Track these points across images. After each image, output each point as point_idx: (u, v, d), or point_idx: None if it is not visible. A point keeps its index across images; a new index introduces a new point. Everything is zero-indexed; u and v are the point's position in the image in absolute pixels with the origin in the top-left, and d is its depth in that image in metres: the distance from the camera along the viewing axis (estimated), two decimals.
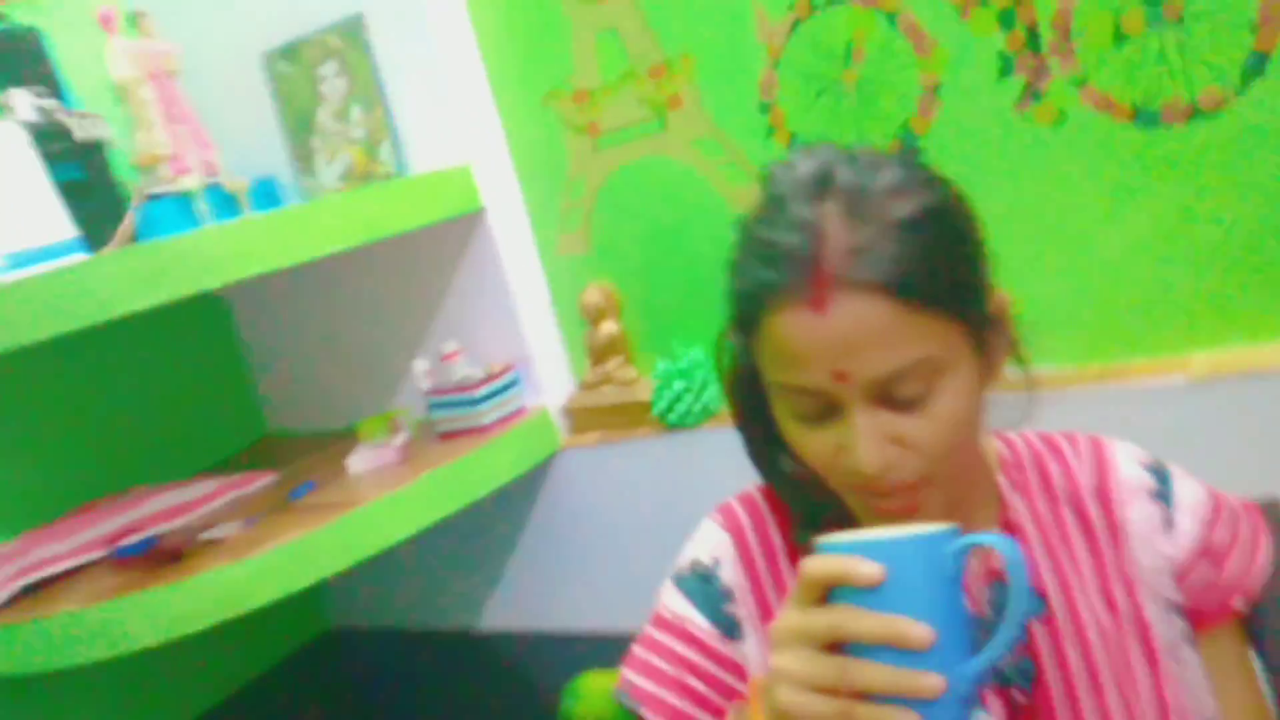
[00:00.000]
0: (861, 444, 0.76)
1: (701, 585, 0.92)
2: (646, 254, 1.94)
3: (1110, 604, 0.85)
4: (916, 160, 0.79)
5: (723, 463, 1.81)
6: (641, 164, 1.91)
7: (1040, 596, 0.85)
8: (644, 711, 0.90)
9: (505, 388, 2.00)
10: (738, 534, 0.94)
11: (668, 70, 1.83)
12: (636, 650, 0.94)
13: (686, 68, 1.81)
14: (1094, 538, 0.88)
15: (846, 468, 0.78)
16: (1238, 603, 0.88)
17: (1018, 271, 0.95)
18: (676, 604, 0.94)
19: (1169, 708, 0.83)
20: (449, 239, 2.02)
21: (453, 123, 1.98)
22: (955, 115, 1.60)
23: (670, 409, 1.88)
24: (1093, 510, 0.89)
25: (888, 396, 0.75)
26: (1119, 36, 1.46)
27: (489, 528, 2.14)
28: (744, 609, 0.91)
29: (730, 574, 0.92)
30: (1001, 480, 0.90)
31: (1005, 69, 1.55)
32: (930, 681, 0.65)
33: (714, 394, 1.88)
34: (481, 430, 1.96)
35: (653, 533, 1.97)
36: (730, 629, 0.91)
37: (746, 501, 0.97)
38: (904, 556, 0.67)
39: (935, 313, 0.74)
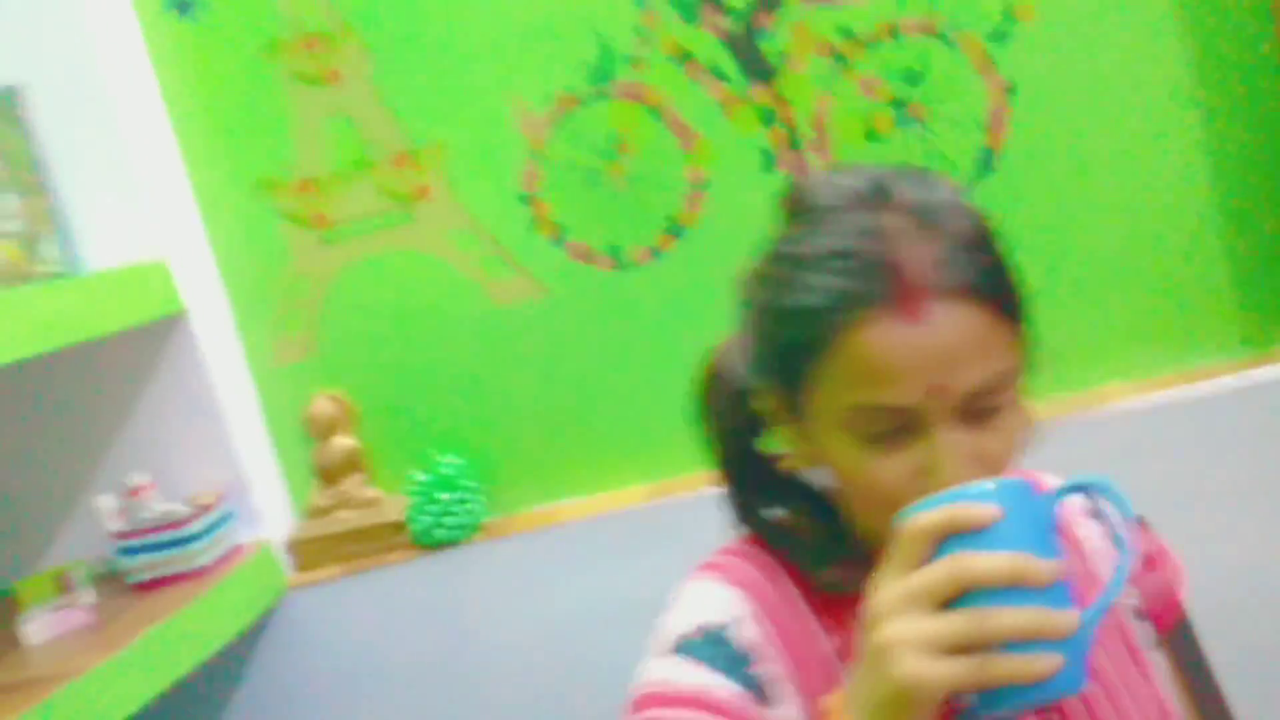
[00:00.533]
0: (950, 464, 0.71)
1: (716, 647, 0.79)
2: (389, 356, 1.77)
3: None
4: (955, 181, 0.80)
5: (497, 579, 1.70)
6: (381, 258, 1.75)
7: None
8: None
9: (220, 522, 1.70)
10: (750, 587, 0.82)
11: (413, 160, 1.72)
12: None
13: (436, 157, 1.71)
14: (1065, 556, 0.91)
15: (923, 491, 0.74)
16: (1183, 602, 0.96)
17: None
18: (688, 675, 0.79)
19: (1162, 701, 0.87)
20: (136, 348, 1.70)
21: (140, 214, 1.69)
22: (722, 208, 1.66)
23: (437, 525, 1.70)
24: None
25: (971, 411, 0.72)
26: (870, 135, 1.61)
27: (202, 699, 1.78)
28: (772, 668, 0.81)
29: (750, 631, 0.80)
30: None
31: (767, 165, 1.64)
32: (1068, 620, 0.62)
33: (480, 505, 1.74)
34: (197, 574, 1.64)
35: (419, 672, 1.76)
36: (761, 692, 0.78)
37: (741, 554, 0.86)
38: (1009, 499, 0.64)
39: (1013, 322, 0.74)
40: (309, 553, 1.78)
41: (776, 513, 0.86)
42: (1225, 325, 1.58)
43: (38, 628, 1.52)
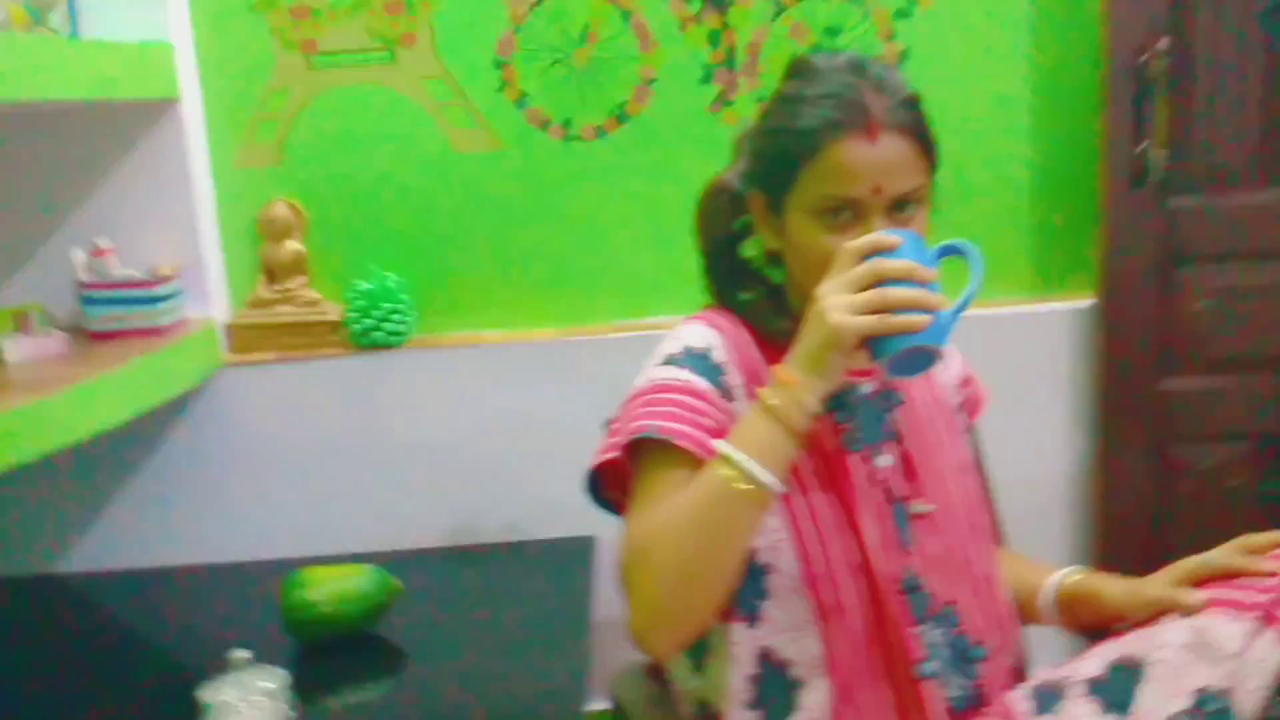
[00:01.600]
0: None
1: (699, 360, 1.12)
2: (349, 177, 1.99)
3: (933, 399, 1.29)
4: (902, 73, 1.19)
5: (421, 382, 1.96)
6: (361, 90, 1.97)
7: (901, 391, 1.26)
8: (677, 440, 1.07)
9: (176, 293, 1.87)
10: (723, 330, 1.16)
11: (406, 8, 1.95)
12: (642, 410, 1.11)
13: (426, 10, 1.95)
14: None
15: None
16: (978, 417, 1.39)
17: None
18: (676, 373, 1.12)
19: (966, 461, 1.29)
20: (126, 121, 1.84)
21: (142, 4, 1.83)
22: (663, 106, 2.00)
23: (374, 329, 1.94)
24: None
25: (895, 213, 1.09)
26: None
27: (139, 455, 1.93)
28: (735, 381, 1.15)
29: (721, 355, 1.13)
30: None
31: (707, 77, 2.00)
32: (939, 298, 1.02)
33: (414, 319, 1.99)
34: (154, 332, 1.81)
35: (341, 454, 1.99)
36: (727, 393, 1.12)
37: (716, 315, 1.20)
38: (909, 238, 1.04)
39: (929, 159, 1.12)
40: (247, 337, 1.97)
41: (744, 293, 1.22)
42: (1022, 270, 2.07)
43: (16, 347, 1.65)
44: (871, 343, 1.02)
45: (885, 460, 1.17)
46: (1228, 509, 2.05)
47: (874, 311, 1.00)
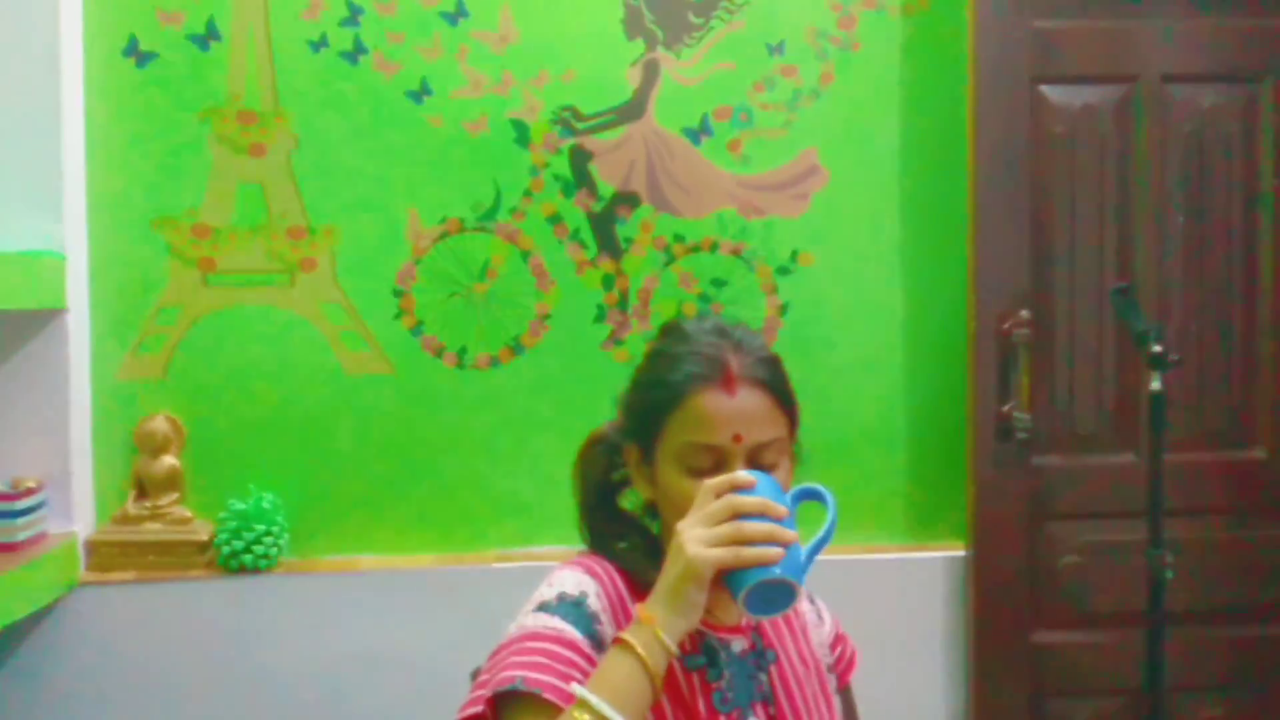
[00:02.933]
0: None
1: (573, 609, 1.11)
2: (233, 395, 1.98)
3: (804, 660, 1.29)
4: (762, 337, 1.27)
5: (290, 612, 1.89)
6: (253, 310, 1.99)
7: (773, 649, 1.27)
8: (545, 694, 1.04)
9: (38, 506, 1.80)
10: (598, 577, 1.15)
11: (309, 234, 2.00)
12: (510, 659, 1.08)
13: (328, 238, 2.00)
14: (790, 622, 1.33)
15: None
16: (851, 677, 1.41)
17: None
18: (550, 622, 1.12)
19: None
20: (7, 329, 1.82)
21: (38, 216, 1.85)
22: (558, 341, 2.06)
23: (245, 551, 1.88)
24: None
25: (756, 462, 1.13)
26: (679, 315, 2.08)
27: None
28: (609, 631, 1.13)
29: (595, 603, 1.12)
30: None
31: (600, 316, 2.07)
32: (791, 534, 1.04)
33: (287, 542, 1.94)
34: (9, 548, 1.73)
35: (201, 682, 1.89)
36: (599, 643, 1.09)
37: (592, 561, 1.20)
38: (763, 479, 1.07)
39: (787, 413, 1.17)
40: (109, 554, 1.89)
41: (620, 542, 1.23)
42: (895, 519, 2.13)
43: None
44: (728, 577, 1.04)
45: None
46: None
47: (729, 544, 1.02)
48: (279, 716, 1.90)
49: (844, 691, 1.37)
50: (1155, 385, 1.75)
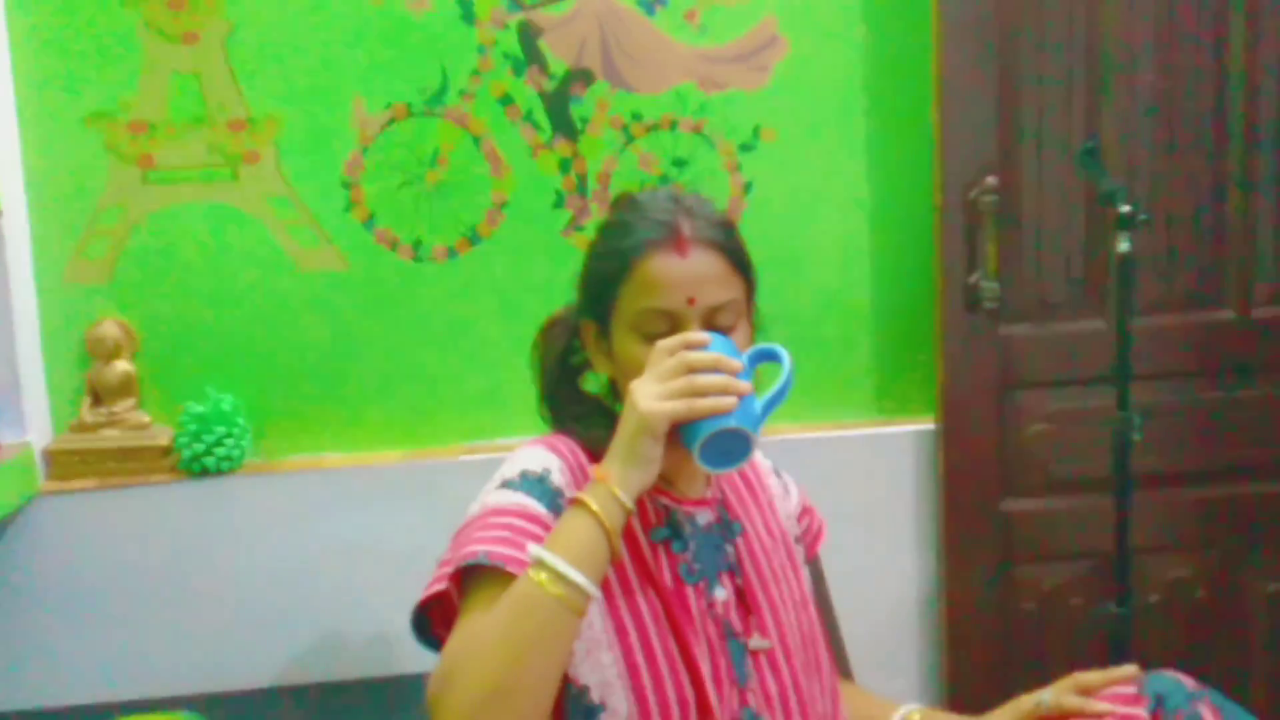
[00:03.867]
0: None
1: (535, 484, 1.10)
2: (184, 296, 1.93)
3: (770, 531, 1.28)
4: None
5: (256, 510, 1.87)
6: (197, 207, 1.92)
7: (739, 522, 1.25)
8: (509, 567, 1.03)
9: None
10: (561, 454, 1.15)
11: (250, 126, 1.92)
12: (476, 534, 1.07)
13: (270, 128, 1.92)
14: (754, 492, 1.31)
15: None
16: (818, 549, 1.40)
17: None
18: (513, 498, 1.09)
19: (807, 598, 1.29)
20: None
21: None
22: (515, 228, 2.00)
23: (206, 454, 1.85)
24: (750, 476, 1.32)
25: (712, 325, 1.11)
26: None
27: None
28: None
29: (559, 478, 1.12)
30: None
31: (559, 202, 2.02)
32: (745, 385, 1.04)
33: (248, 443, 1.91)
34: None
35: (168, 588, 1.88)
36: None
37: (555, 439, 1.19)
38: (718, 338, 1.06)
39: (740, 273, 1.15)
40: (67, 463, 1.86)
41: (583, 420, 1.21)
42: (864, 394, 2.12)
43: None
44: (683, 431, 1.03)
45: (722, 593, 1.16)
46: (1069, 628, 2.10)
47: (683, 397, 1.01)
48: (250, 617, 1.90)
49: (812, 562, 1.37)
50: (1123, 246, 1.71)
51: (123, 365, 1.89)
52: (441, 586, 1.07)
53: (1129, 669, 1.17)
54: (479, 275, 1.99)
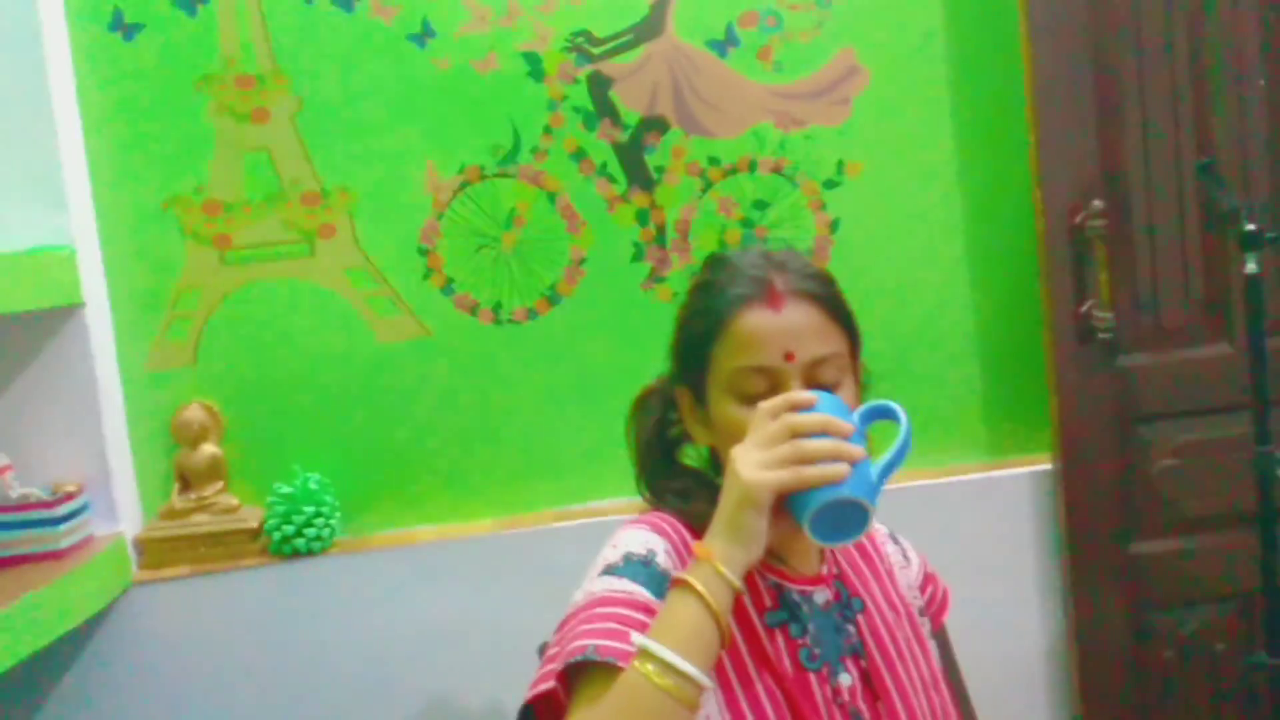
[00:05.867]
0: None
1: (641, 568, 1.03)
2: (267, 375, 1.90)
3: (893, 605, 1.18)
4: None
5: (348, 593, 1.83)
6: (276, 284, 1.90)
7: (859, 597, 1.17)
8: (620, 663, 0.95)
9: (80, 510, 1.74)
10: (665, 534, 1.07)
11: (324, 200, 1.89)
12: (581, 626, 0.99)
13: (345, 201, 1.90)
14: (873, 563, 1.22)
15: None
16: (946, 617, 1.30)
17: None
18: (618, 584, 1.01)
19: (935, 673, 1.19)
20: (26, 330, 1.75)
21: (45, 209, 1.76)
22: (596, 285, 1.94)
23: (297, 535, 1.81)
24: (868, 546, 1.23)
25: (815, 380, 1.04)
26: (721, 245, 1.95)
27: (45, 686, 1.77)
28: None
29: (665, 560, 1.04)
30: None
31: (638, 255, 1.95)
32: (858, 450, 0.94)
33: (339, 522, 1.87)
34: (55, 556, 1.68)
35: (262, 673, 1.84)
36: None
37: (656, 517, 1.11)
38: (825, 397, 0.98)
39: (841, 326, 1.07)
40: (159, 551, 1.83)
41: (682, 495, 1.13)
42: (974, 436, 2.00)
43: None
44: (791, 502, 0.95)
45: (847, 679, 1.07)
46: (1213, 677, 1.94)
47: (789, 465, 0.93)
48: (342, 699, 1.85)
49: (938, 634, 1.27)
50: (1250, 267, 1.59)
51: (209, 448, 1.86)
52: (549, 685, 0.99)
53: None
54: (561, 334, 1.94)
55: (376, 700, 1.85)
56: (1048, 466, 1.94)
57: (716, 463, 1.13)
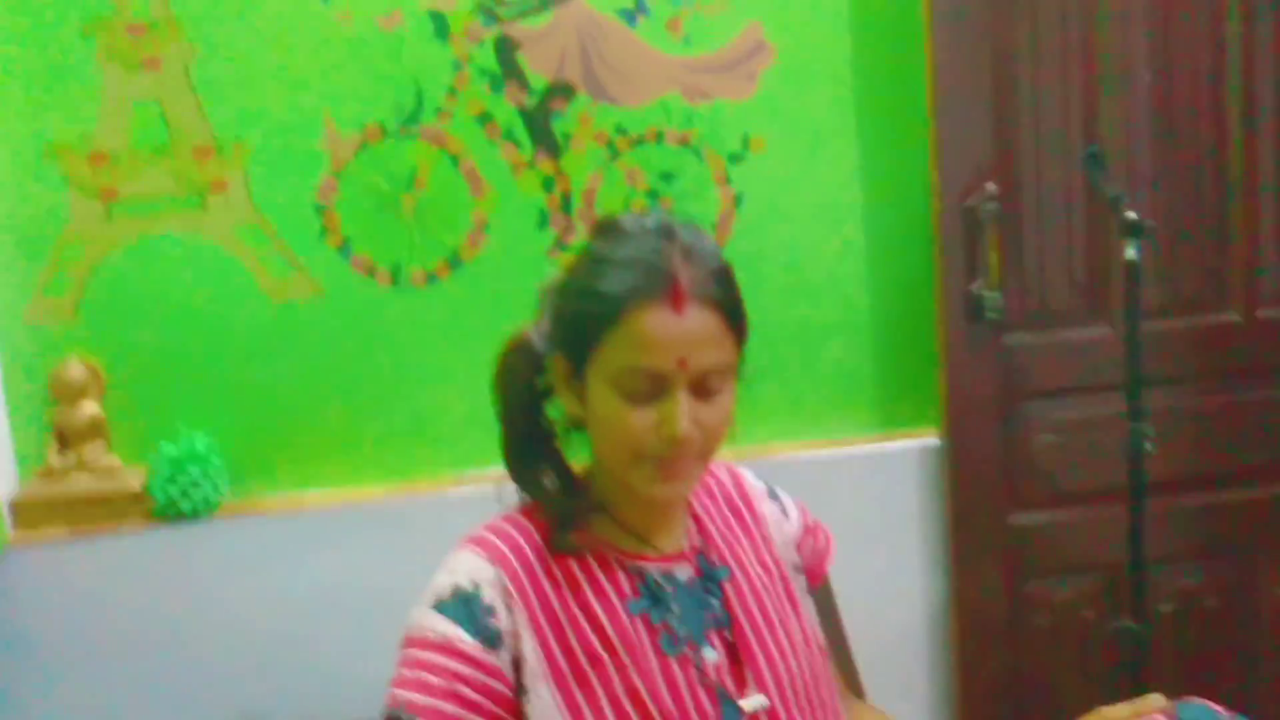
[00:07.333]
0: (681, 416, 0.99)
1: (464, 607, 1.02)
2: (153, 332, 1.83)
3: (765, 567, 1.18)
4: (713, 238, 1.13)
5: (234, 557, 1.79)
6: (164, 239, 1.83)
7: (725, 566, 1.16)
8: None
9: None
10: (498, 559, 1.05)
11: (216, 153, 1.83)
12: (404, 672, 1.00)
13: (238, 155, 1.84)
14: (746, 526, 1.21)
15: (661, 436, 1.01)
16: (829, 565, 1.32)
17: None
18: (440, 625, 1.01)
19: (809, 635, 1.20)
20: None
21: None
22: (498, 250, 1.92)
23: (181, 497, 1.77)
24: (741, 508, 1.23)
25: (700, 387, 1.02)
26: (628, 211, 1.95)
27: None
28: (504, 621, 1.02)
29: (490, 594, 1.02)
30: None
31: (543, 221, 1.94)
32: None
33: (225, 483, 1.83)
34: None
35: (144, 640, 1.78)
36: (492, 639, 1.01)
37: (497, 532, 1.08)
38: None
39: (736, 336, 1.05)
40: (35, 513, 1.77)
41: (543, 482, 1.11)
42: (865, 410, 2.05)
43: None
44: None
45: (712, 655, 1.07)
46: (1083, 643, 2.04)
47: None
48: (229, 665, 1.81)
49: (820, 589, 1.29)
50: (1131, 253, 1.66)
51: (90, 407, 1.80)
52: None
53: (1156, 699, 1.08)
54: (461, 299, 1.92)
55: (263, 667, 1.82)
56: (935, 441, 2.00)
57: (579, 427, 1.10)
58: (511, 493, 1.12)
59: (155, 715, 1.79)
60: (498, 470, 1.23)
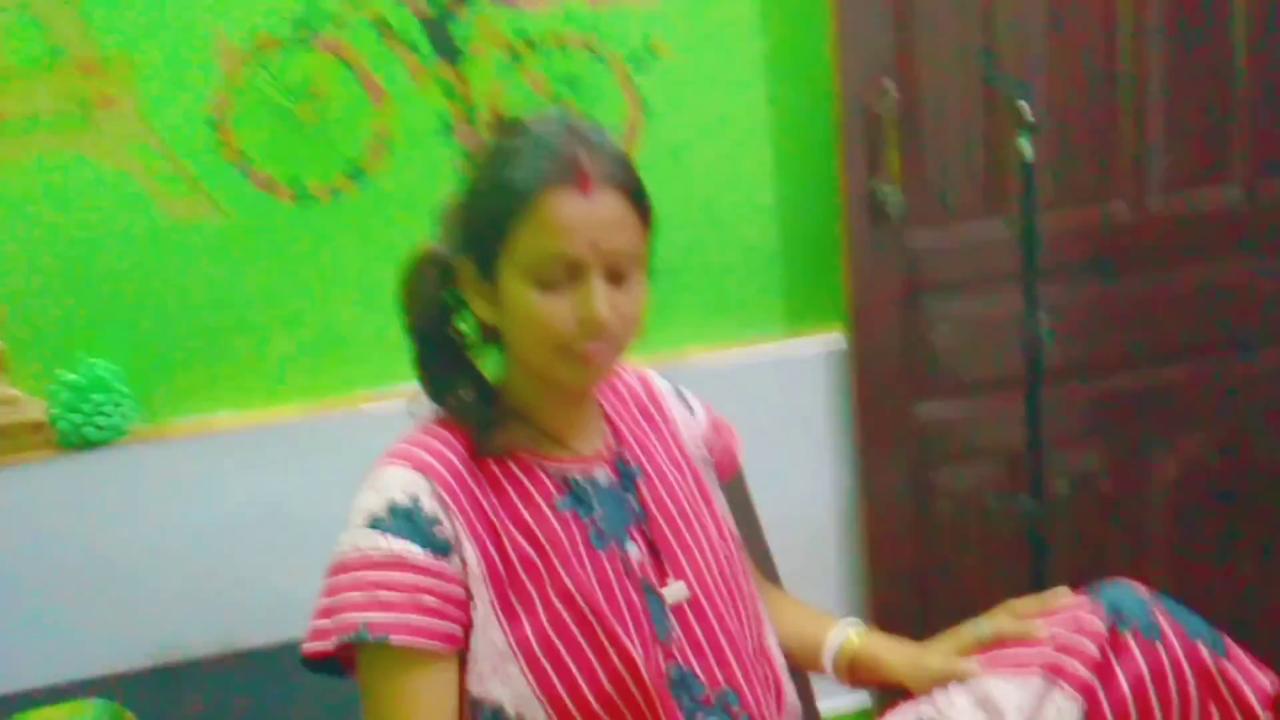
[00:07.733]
0: (599, 301, 1.01)
1: (407, 521, 1.02)
2: (46, 257, 1.78)
3: (676, 464, 1.22)
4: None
5: (145, 484, 1.76)
6: (50, 160, 1.76)
7: (639, 465, 1.17)
8: (392, 639, 0.98)
9: None
10: (426, 469, 1.05)
11: (101, 68, 1.76)
12: (352, 595, 1.00)
13: (126, 69, 1.77)
14: (656, 426, 1.24)
15: (580, 320, 1.02)
16: (739, 458, 1.36)
17: None
18: (384, 543, 1.01)
19: (722, 526, 1.22)
20: None
21: None
22: (401, 161, 1.89)
23: (86, 425, 1.73)
24: (651, 409, 1.26)
25: (614, 273, 1.02)
26: None
27: None
28: (449, 529, 1.03)
29: (429, 504, 1.03)
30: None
31: (446, 131, 1.91)
32: None
33: (132, 409, 1.79)
34: None
35: (53, 571, 1.76)
36: (441, 548, 1.03)
37: (418, 444, 1.07)
38: None
39: (644, 222, 1.07)
40: None
41: (459, 393, 1.12)
42: (772, 310, 2.08)
43: None
44: None
45: (634, 550, 1.11)
46: (987, 525, 2.14)
47: None
48: (147, 594, 1.80)
49: (733, 483, 1.33)
50: (1027, 151, 1.70)
51: None
52: (324, 647, 1.00)
53: (1062, 592, 1.15)
54: (367, 212, 1.89)
55: (182, 595, 1.82)
56: (840, 337, 2.05)
57: (493, 336, 1.11)
58: (424, 407, 1.12)
59: (72, 650, 1.77)
60: (410, 386, 1.25)
